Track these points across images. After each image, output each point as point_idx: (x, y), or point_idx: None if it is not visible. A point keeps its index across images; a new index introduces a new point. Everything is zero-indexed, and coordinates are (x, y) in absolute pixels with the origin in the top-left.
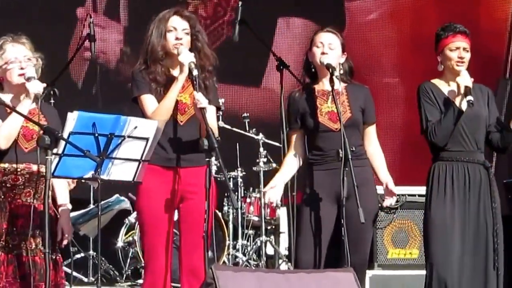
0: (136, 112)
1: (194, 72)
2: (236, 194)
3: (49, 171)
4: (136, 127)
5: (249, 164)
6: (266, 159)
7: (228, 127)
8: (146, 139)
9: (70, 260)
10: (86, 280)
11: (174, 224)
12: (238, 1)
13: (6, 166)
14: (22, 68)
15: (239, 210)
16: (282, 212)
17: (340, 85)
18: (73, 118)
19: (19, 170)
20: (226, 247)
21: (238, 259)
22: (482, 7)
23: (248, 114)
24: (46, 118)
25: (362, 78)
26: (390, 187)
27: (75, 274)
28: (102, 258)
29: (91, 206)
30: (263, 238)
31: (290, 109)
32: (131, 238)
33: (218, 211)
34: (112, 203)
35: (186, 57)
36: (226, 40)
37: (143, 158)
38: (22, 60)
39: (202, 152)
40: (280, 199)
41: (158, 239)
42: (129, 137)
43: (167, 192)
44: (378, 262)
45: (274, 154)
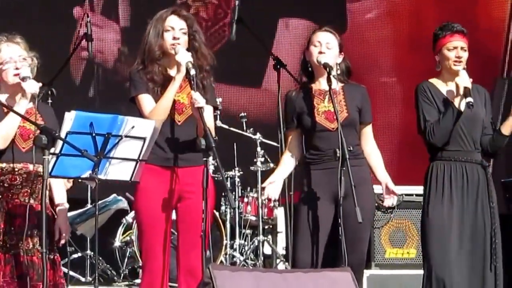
0: (133, 112)
1: (192, 71)
2: (233, 193)
3: (46, 171)
4: (133, 127)
5: (246, 163)
6: (263, 159)
7: (225, 127)
8: (144, 139)
9: (67, 259)
10: (83, 280)
11: (172, 223)
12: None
13: (4, 165)
14: (17, 68)
15: (237, 209)
16: (280, 211)
17: (337, 84)
18: (70, 118)
19: (17, 169)
20: (224, 247)
21: (235, 259)
22: (480, 7)
23: (245, 114)
24: (43, 118)
25: (359, 78)
26: (390, 187)
27: (73, 273)
28: (100, 258)
29: (89, 205)
30: (261, 237)
31: (286, 108)
32: (129, 238)
33: (215, 211)
34: (109, 203)
35: (184, 56)
36: (227, 42)
37: (141, 158)
38: (17, 60)
39: (199, 151)
40: (278, 196)
41: (156, 239)
42: (126, 136)
43: (165, 191)
44: (376, 262)
45: (272, 154)
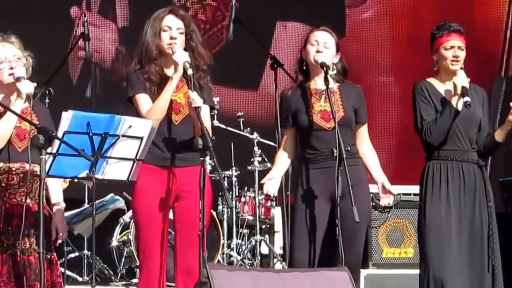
0: (131, 111)
1: (189, 71)
2: (230, 193)
3: (43, 171)
4: (130, 127)
5: (243, 163)
6: (260, 158)
7: (222, 126)
8: (141, 139)
9: (64, 259)
10: (80, 279)
11: (169, 223)
12: (237, 2)
13: (1, 165)
14: (12, 67)
15: (234, 209)
16: (277, 211)
17: (334, 84)
18: (67, 117)
19: (14, 169)
20: (221, 246)
21: (232, 258)
22: (478, 6)
23: (242, 113)
24: (38, 118)
25: (357, 77)
26: (387, 187)
27: (70, 273)
28: (97, 258)
29: (86, 205)
30: (258, 237)
31: (282, 107)
32: (126, 237)
33: (212, 210)
34: (106, 202)
35: (181, 56)
36: (225, 44)
37: (138, 158)
38: (12, 59)
39: (196, 151)
40: (277, 192)
41: (154, 238)
42: (123, 136)
43: (162, 191)
44: (373, 261)
45: (269, 154)
